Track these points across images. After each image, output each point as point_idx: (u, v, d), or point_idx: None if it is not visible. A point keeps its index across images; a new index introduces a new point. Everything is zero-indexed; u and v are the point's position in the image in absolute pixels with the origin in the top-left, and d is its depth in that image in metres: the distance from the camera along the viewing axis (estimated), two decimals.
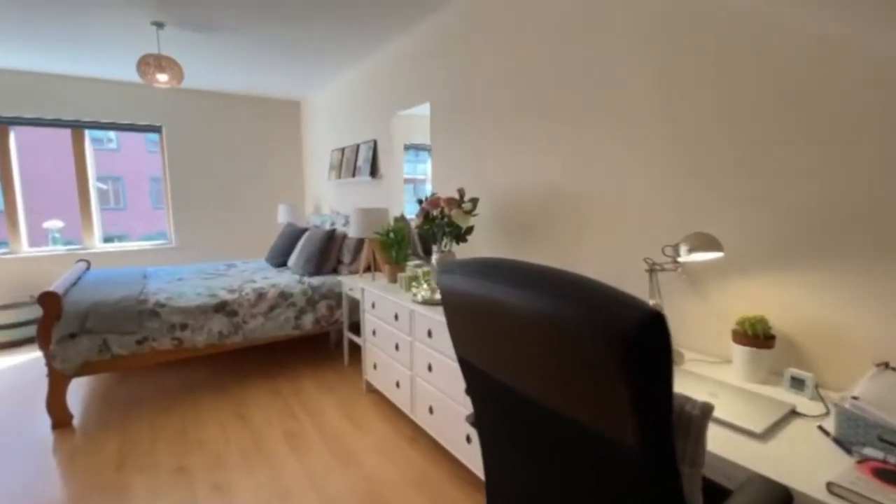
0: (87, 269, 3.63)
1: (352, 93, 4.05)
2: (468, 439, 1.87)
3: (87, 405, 2.77)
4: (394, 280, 2.76)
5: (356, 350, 3.47)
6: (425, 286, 2.31)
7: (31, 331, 3.96)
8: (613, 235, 1.82)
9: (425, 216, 2.34)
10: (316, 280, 3.32)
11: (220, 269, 3.83)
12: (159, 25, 2.91)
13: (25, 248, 4.23)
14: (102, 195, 13.34)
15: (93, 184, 4.48)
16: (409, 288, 2.55)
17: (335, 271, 3.58)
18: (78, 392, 2.93)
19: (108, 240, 4.71)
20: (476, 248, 2.57)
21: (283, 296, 3.12)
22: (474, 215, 2.18)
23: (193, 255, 4.88)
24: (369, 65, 3.68)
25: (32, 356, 3.62)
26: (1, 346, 3.81)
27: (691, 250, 1.37)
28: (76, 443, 2.35)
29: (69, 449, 2.30)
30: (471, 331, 0.88)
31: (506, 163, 2.33)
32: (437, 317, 2.01)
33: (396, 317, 2.39)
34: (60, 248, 4.42)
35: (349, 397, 2.84)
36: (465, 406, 1.87)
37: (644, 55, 1.65)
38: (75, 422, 2.56)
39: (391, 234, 2.78)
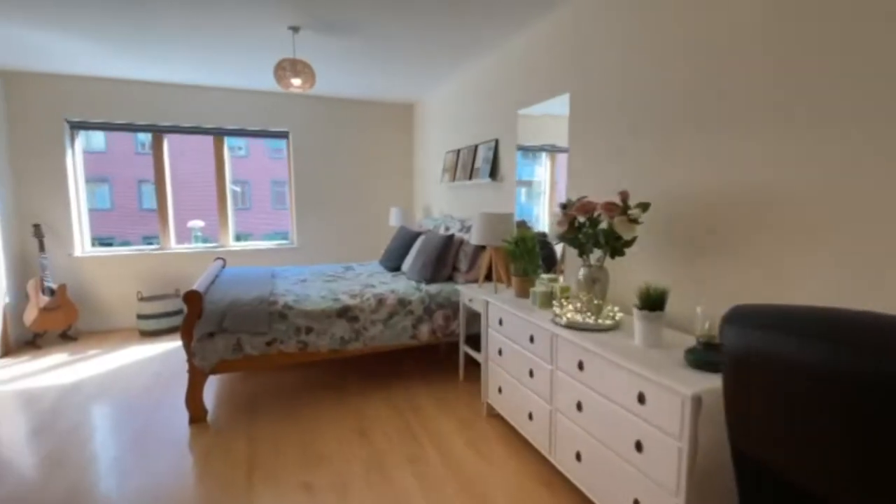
0: (223, 266, 3.86)
1: (471, 90, 3.84)
2: None
3: (218, 402, 2.87)
4: (524, 294, 2.46)
5: (471, 364, 3.23)
6: (570, 307, 1.98)
7: (175, 321, 4.34)
8: (859, 243, 1.34)
9: (570, 223, 2.01)
10: (433, 288, 3.15)
11: (338, 271, 3.85)
12: (295, 29, 2.94)
13: (172, 245, 4.67)
14: (235, 197, 15.02)
15: (229, 187, 4.83)
16: (545, 305, 2.23)
17: (450, 279, 3.38)
18: (210, 388, 3.06)
19: (237, 238, 5.06)
20: (632, 263, 2.17)
21: (402, 303, 2.98)
22: (639, 223, 1.80)
23: (312, 256, 5.06)
24: (494, 59, 3.43)
25: (174, 345, 3.95)
26: (149, 334, 4.22)
27: None
28: (209, 441, 2.41)
29: (203, 446, 2.36)
30: (779, 416, 0.55)
31: (676, 158, 1.91)
32: (590, 345, 1.67)
33: (532, 339, 2.08)
34: (200, 246, 4.82)
35: (469, 420, 2.60)
36: (636, 466, 1.50)
37: None
38: (209, 417, 2.64)
39: (520, 243, 2.49)
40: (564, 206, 2.06)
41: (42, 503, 1.91)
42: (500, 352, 2.41)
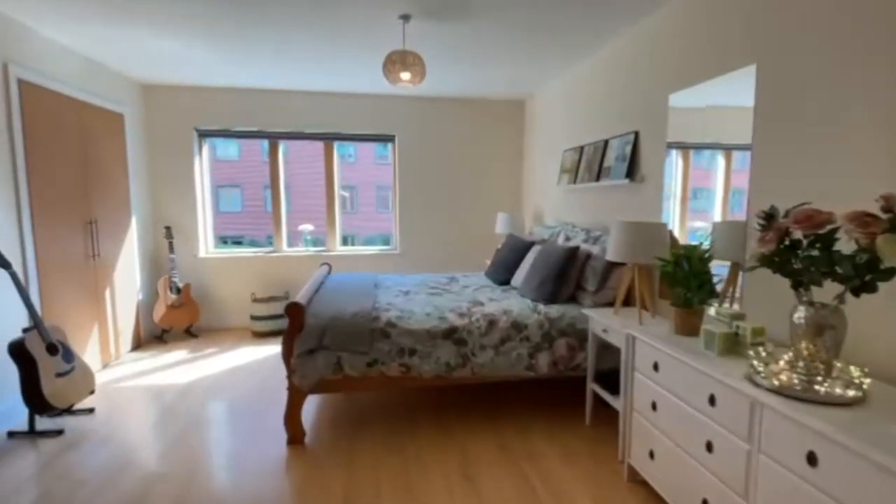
0: (329, 272, 3.76)
1: (601, 78, 3.27)
2: None
3: (317, 421, 2.67)
4: (687, 331, 1.87)
5: (601, 406, 2.67)
6: (781, 361, 1.37)
7: (284, 324, 4.38)
8: None
9: (779, 241, 1.40)
10: (553, 310, 2.66)
11: (442, 281, 3.53)
12: (406, 18, 2.67)
13: (284, 248, 4.75)
14: (343, 202, 15.86)
15: (338, 192, 4.80)
16: (728, 352, 1.63)
17: (573, 299, 2.86)
18: (309, 405, 2.89)
19: (343, 241, 5.02)
20: (879, 303, 1.48)
21: (517, 326, 2.54)
22: None
23: (415, 263, 4.84)
24: (634, 35, 2.84)
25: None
26: (261, 334, 4.30)
27: None
28: (306, 466, 2.19)
29: (300, 471, 2.14)
30: None
31: None
32: (824, 428, 1.08)
33: (713, 400, 1.51)
34: (310, 249, 4.86)
35: (603, 482, 2.06)
36: None
37: None
38: (307, 439, 2.44)
39: (682, 262, 1.90)
40: (769, 217, 1.45)
41: None
42: (653, 406, 1.85)
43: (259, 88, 4.34)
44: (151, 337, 4.19)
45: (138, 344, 4.00)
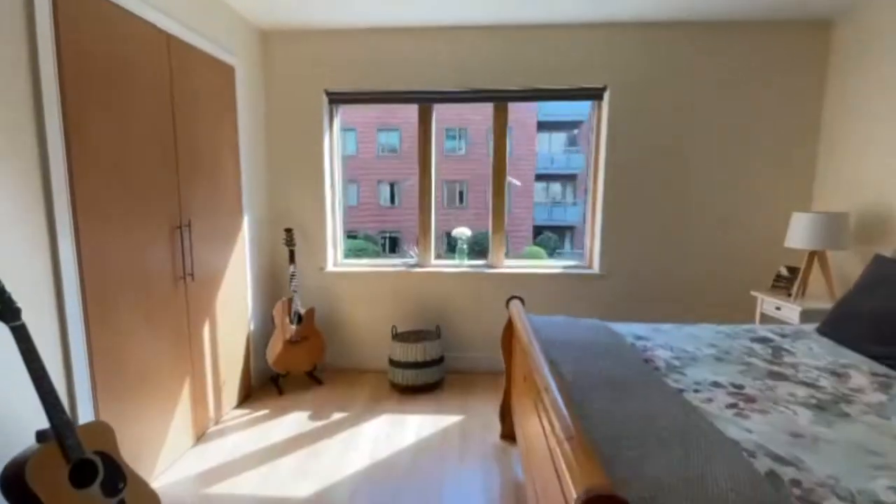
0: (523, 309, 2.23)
1: None
2: None
3: None
4: None
5: None
6: None
7: (431, 375, 2.99)
8: None
9: None
10: None
11: (751, 348, 1.81)
12: None
13: (433, 261, 3.37)
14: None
15: (508, 179, 3.29)
16: None
17: None
18: None
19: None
20: None
21: None
22: None
23: (625, 293, 3.13)
24: None
25: (436, 424, 2.53)
26: (402, 389, 2.94)
27: None
28: None
29: None
30: None
31: None
32: None
33: None
34: (466, 263, 3.42)
35: None
36: None
37: None
38: None
39: None
40: None
41: None
42: None
43: (407, 26, 2.97)
44: (264, 379, 3.06)
45: (247, 394, 2.88)
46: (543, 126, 15.96)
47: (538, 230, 15.77)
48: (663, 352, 1.80)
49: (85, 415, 1.66)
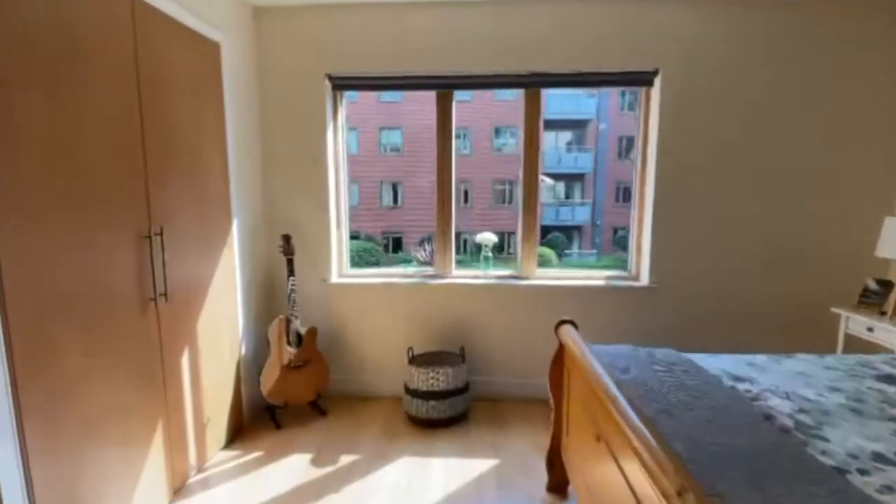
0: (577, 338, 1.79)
1: None
2: None
3: None
4: None
5: None
6: None
7: (453, 408, 2.55)
8: None
9: None
10: None
11: (883, 391, 1.38)
12: None
13: (453, 272, 2.93)
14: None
15: (541, 178, 2.86)
16: None
17: None
18: None
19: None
20: None
21: None
22: None
23: (680, 308, 2.69)
24: None
25: (468, 472, 2.09)
26: (419, 422, 2.51)
27: None
28: None
29: None
30: None
31: None
32: None
33: None
34: (492, 273, 2.98)
35: None
36: None
37: None
38: None
39: None
40: None
41: None
42: None
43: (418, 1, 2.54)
44: (259, 411, 2.62)
45: (239, 429, 2.45)
46: (549, 125, 15.55)
47: (545, 231, 15.37)
48: (779, 401, 1.36)
49: (10, 486, 1.24)
